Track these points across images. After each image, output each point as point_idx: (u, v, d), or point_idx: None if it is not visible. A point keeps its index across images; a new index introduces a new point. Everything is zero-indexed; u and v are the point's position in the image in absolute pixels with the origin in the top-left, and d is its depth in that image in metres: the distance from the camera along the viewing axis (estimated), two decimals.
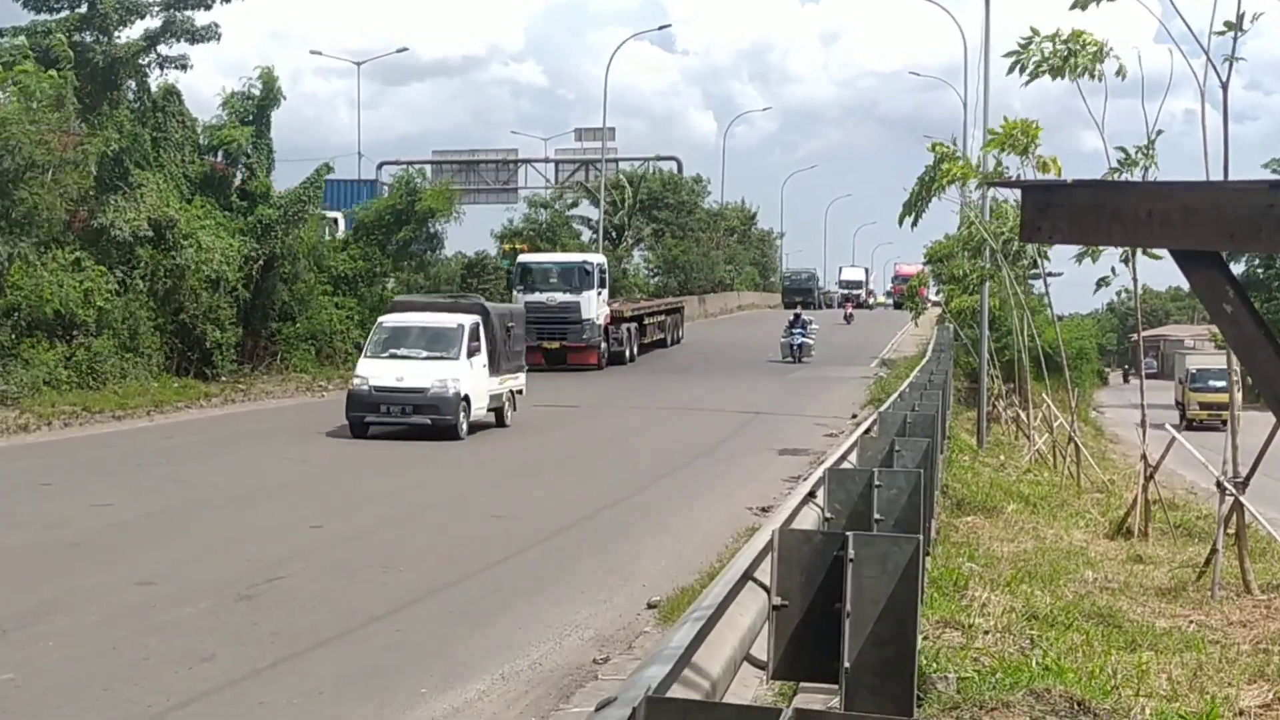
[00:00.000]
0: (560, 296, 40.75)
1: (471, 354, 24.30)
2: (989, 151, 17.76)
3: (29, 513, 15.60)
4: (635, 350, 44.60)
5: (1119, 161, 14.38)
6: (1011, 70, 14.15)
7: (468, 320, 24.96)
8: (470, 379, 24.03)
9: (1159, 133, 14.47)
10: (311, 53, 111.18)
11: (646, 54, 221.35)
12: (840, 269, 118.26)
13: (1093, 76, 14.11)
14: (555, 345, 40.28)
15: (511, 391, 26.58)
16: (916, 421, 13.07)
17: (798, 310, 51.62)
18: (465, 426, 23.63)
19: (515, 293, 41.10)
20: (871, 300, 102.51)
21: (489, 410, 25.18)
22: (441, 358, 24.04)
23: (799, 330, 45.16)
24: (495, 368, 25.38)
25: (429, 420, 23.18)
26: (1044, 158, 16.99)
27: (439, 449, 22.42)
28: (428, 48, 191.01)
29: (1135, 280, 16.83)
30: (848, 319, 68.69)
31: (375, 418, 23.44)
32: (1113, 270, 16.43)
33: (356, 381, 23.99)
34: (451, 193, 46.76)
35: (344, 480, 18.79)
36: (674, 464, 20.90)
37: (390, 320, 25.79)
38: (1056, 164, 16.89)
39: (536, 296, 40.36)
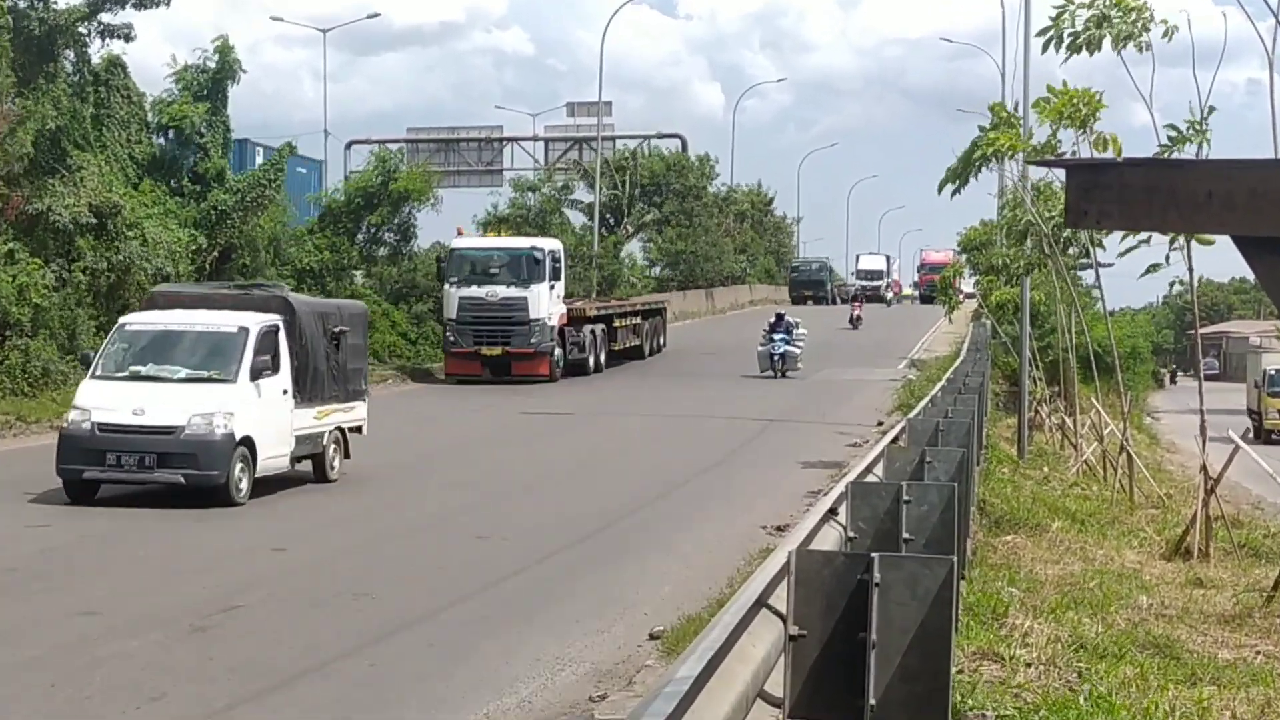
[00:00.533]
0: (503, 291, 37.20)
1: (259, 374, 18.22)
2: (1044, 122, 17.52)
3: None
4: (603, 358, 41.31)
5: (1168, 139, 14.35)
6: (1046, 47, 14.20)
7: (256, 323, 18.69)
8: (255, 412, 18.02)
9: (1211, 109, 14.47)
10: (272, 19, 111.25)
11: (645, 19, 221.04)
12: (858, 257, 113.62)
13: (1136, 47, 14.10)
14: (496, 351, 37.24)
15: (341, 430, 20.62)
16: (950, 429, 13.09)
17: (780, 311, 45.19)
18: (245, 485, 17.63)
19: (447, 286, 38.01)
20: (891, 295, 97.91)
21: (295, 459, 19.23)
22: (209, 379, 18.12)
23: (781, 335, 40.03)
24: (307, 394, 19.40)
25: (180, 477, 17.19)
26: (1103, 134, 16.84)
27: (424, 461, 22.39)
28: (400, 13, 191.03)
29: (1191, 270, 16.84)
30: (854, 323, 61.10)
31: (100, 471, 17.34)
32: (1165, 259, 16.40)
33: (73, 416, 17.90)
34: (429, 175, 46.81)
35: (309, 499, 18.77)
36: (680, 478, 20.90)
37: (136, 321, 19.63)
38: (1117, 142, 16.66)
39: (473, 291, 37.41)
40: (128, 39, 32.84)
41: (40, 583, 13.15)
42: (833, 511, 7.85)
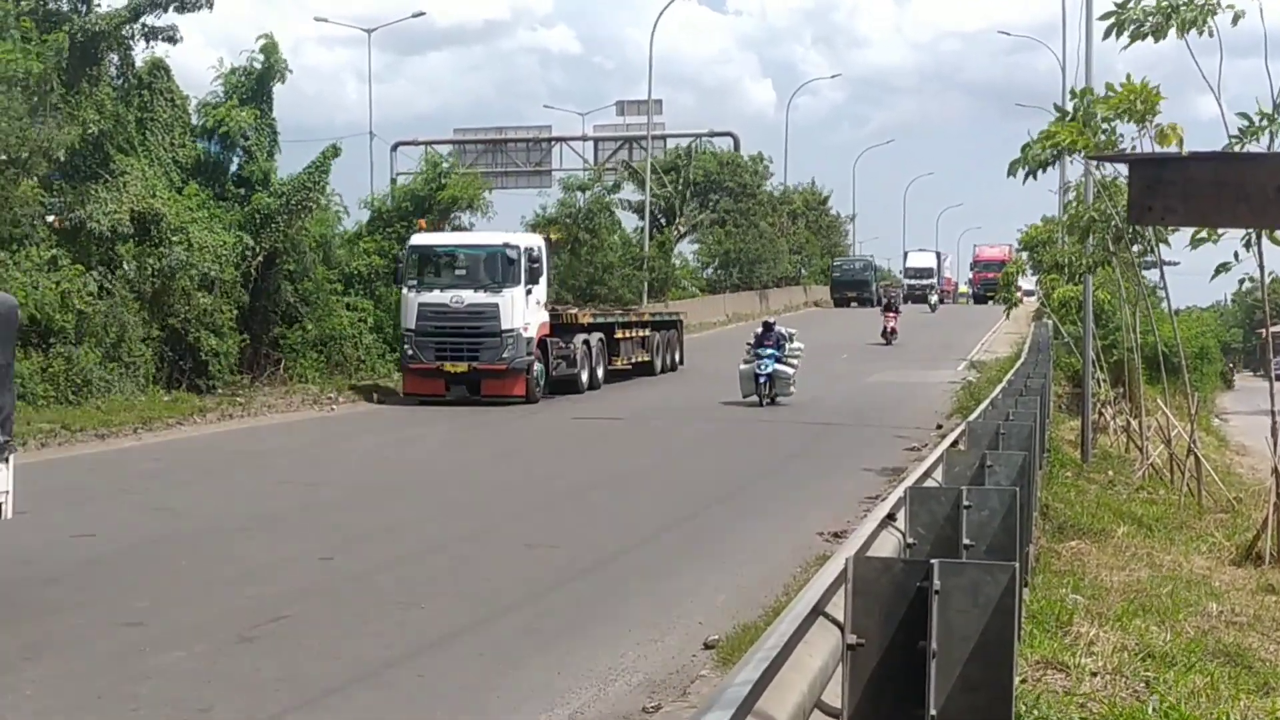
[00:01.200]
0: (470, 296, 33.14)
1: None
2: (1105, 116, 17.39)
3: (1, 545, 15.73)
4: (600, 374, 37.63)
5: (1240, 130, 14.21)
6: (1109, 34, 14.05)
7: None
8: None
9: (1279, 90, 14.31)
10: (316, 20, 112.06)
11: (694, 15, 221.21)
12: (905, 254, 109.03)
13: (1200, 32, 13.96)
14: (462, 368, 33.23)
15: None
16: (1011, 432, 13.01)
17: (769, 319, 37.31)
18: None
19: (405, 290, 34.09)
20: (934, 298, 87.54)
21: None
22: None
23: (770, 351, 33.09)
24: None
25: None
26: (1164, 126, 16.70)
27: (472, 468, 22.49)
28: (444, 12, 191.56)
29: (1262, 267, 16.67)
30: (888, 336, 54.54)
31: None
32: (1235, 256, 16.24)
33: None
34: (479, 180, 46.95)
35: (357, 508, 18.86)
36: (733, 484, 20.88)
37: None
38: (1177, 132, 16.52)
39: (435, 297, 33.39)
40: (173, 41, 33.09)
41: (85, 593, 13.25)
42: (890, 517, 7.83)
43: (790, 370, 32.94)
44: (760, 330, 33.55)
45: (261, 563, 14.78)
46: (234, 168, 36.73)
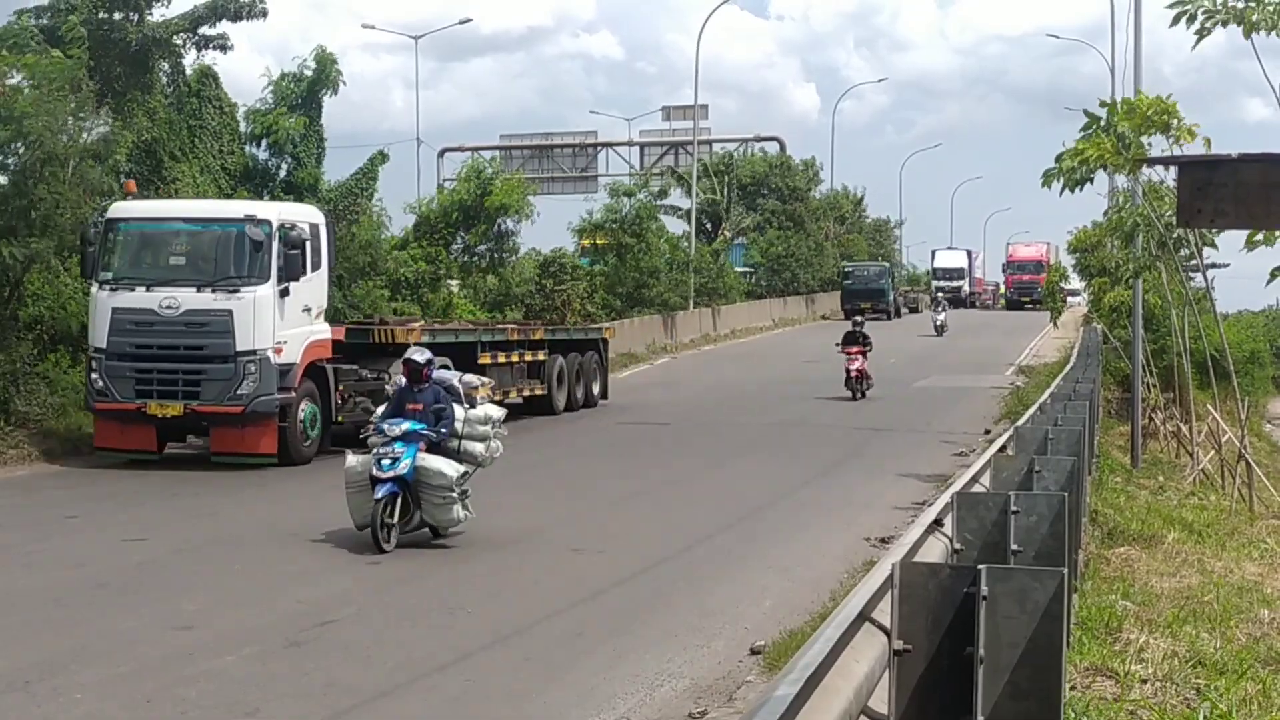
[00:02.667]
0: (189, 299, 22.00)
1: None
2: (1125, 129, 17.27)
3: (52, 550, 15.86)
4: None
5: None
6: (1176, 21, 13.77)
7: None
8: None
9: None
10: (363, 26, 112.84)
11: (736, 21, 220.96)
12: (933, 253, 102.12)
13: (1269, 30, 13.79)
14: (175, 409, 21.95)
15: None
16: (1059, 437, 12.94)
17: (418, 348, 18.53)
18: None
19: (95, 288, 22.81)
20: (940, 316, 62.35)
21: None
22: None
23: (417, 411, 16.22)
24: None
25: None
26: (1187, 126, 16.62)
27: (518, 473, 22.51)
28: (487, 18, 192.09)
29: None
30: (856, 385, 34.72)
31: None
32: None
33: None
34: (524, 185, 47.02)
35: None
36: (779, 491, 20.83)
37: None
38: (1190, 134, 16.53)
39: (138, 299, 22.22)
40: (224, 49, 33.32)
41: (135, 597, 13.33)
42: (938, 523, 7.80)
43: (478, 451, 16.59)
44: (406, 371, 16.30)
45: (310, 567, 14.84)
46: (282, 174, 36.92)
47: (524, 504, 19.62)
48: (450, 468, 15.63)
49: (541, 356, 30.87)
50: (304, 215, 24.16)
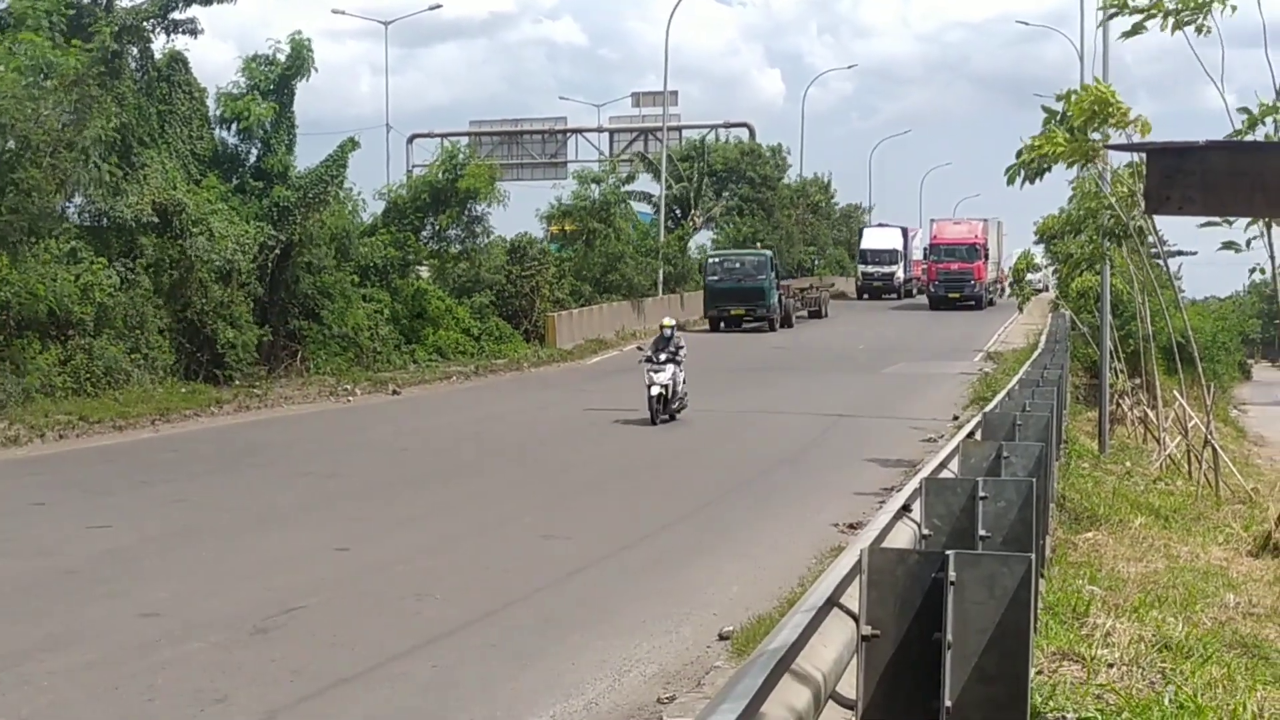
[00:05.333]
0: None
1: None
2: (1081, 125, 17.33)
3: (19, 537, 15.78)
4: None
5: (1242, 123, 14.12)
6: (1111, 17, 14.00)
7: None
8: None
9: None
10: (334, 12, 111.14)
11: (700, 7, 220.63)
12: (861, 232, 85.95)
13: (1200, 30, 13.90)
14: None
15: None
16: (1027, 423, 12.97)
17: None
18: None
19: None
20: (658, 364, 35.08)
21: None
22: None
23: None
24: None
25: None
26: (1131, 118, 16.72)
27: (488, 460, 22.51)
28: (449, 3, 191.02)
29: (1272, 257, 16.58)
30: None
31: None
32: (1247, 244, 16.15)
33: None
34: (493, 170, 46.98)
35: (373, 500, 18.86)
36: (747, 475, 20.85)
37: None
38: (1148, 127, 16.68)
39: None
40: (194, 34, 33.13)
41: (102, 585, 13.27)
42: (906, 509, 7.80)
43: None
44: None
45: (278, 554, 14.80)
46: (252, 160, 36.77)
47: (493, 492, 19.62)
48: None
49: None
50: None
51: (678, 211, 73.70)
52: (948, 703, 5.36)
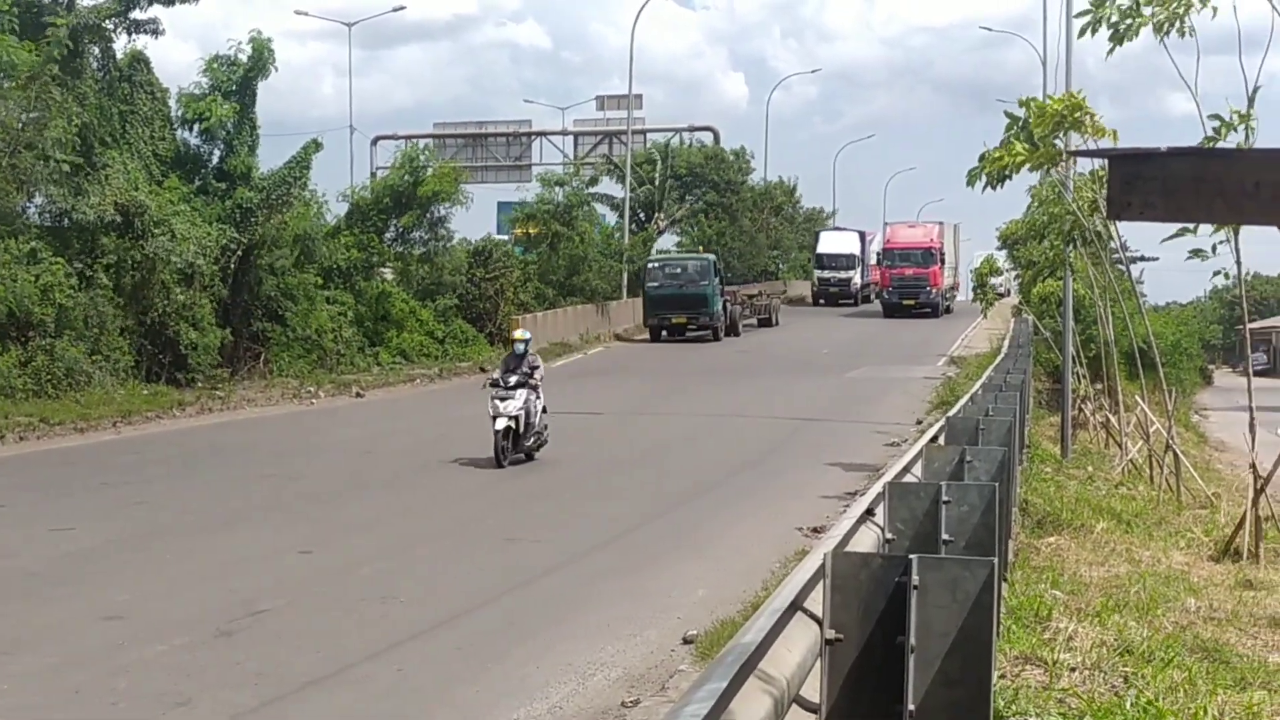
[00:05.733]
0: None
1: None
2: (1042, 135, 17.46)
3: None
4: None
5: (1214, 130, 14.24)
6: (1084, 32, 14.10)
7: None
8: None
9: (1257, 89, 14.34)
10: (297, 13, 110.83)
11: (663, 10, 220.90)
12: (817, 236, 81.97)
13: (1179, 32, 14.00)
14: None
15: None
16: (990, 428, 13.03)
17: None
18: None
19: None
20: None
21: None
22: None
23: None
24: None
25: None
26: (1098, 125, 16.87)
27: (453, 462, 22.48)
28: (412, 5, 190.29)
29: (1239, 263, 16.70)
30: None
31: None
32: (1213, 249, 16.27)
33: None
34: (457, 173, 46.90)
35: (337, 502, 18.82)
36: (712, 479, 20.87)
37: None
38: (1104, 130, 16.86)
39: None
40: (155, 34, 32.96)
41: (63, 587, 13.21)
42: (870, 513, 7.83)
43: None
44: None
45: (241, 556, 14.75)
46: (215, 161, 36.62)
47: (457, 494, 19.60)
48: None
49: None
50: None
51: (642, 215, 73.68)
52: (911, 706, 5.39)
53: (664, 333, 51.18)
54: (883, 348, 49.11)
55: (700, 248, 71.54)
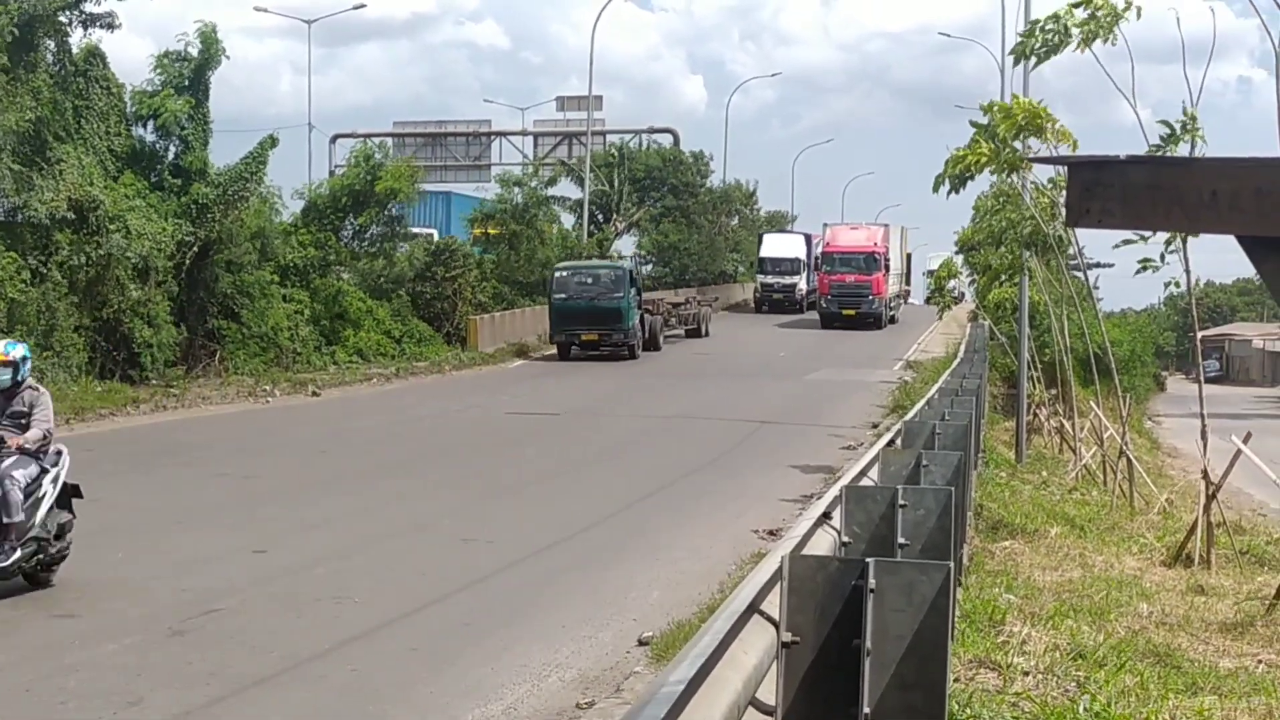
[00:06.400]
0: None
1: None
2: (1005, 135, 17.69)
3: None
4: None
5: (1161, 138, 14.39)
6: (1018, 62, 14.51)
7: None
8: None
9: (1198, 97, 14.53)
10: (256, 9, 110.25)
11: (622, 12, 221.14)
12: (760, 238, 78.15)
13: (1106, 40, 14.25)
14: None
15: None
16: (946, 432, 13.10)
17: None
18: None
19: None
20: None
21: None
22: None
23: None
24: None
25: None
26: (1059, 130, 17.09)
27: (409, 462, 22.43)
28: (371, 3, 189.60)
29: (1188, 272, 16.84)
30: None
31: None
32: (1161, 257, 16.43)
33: None
34: (414, 170, 46.82)
35: (291, 502, 18.75)
36: (668, 481, 20.89)
37: None
38: (1072, 140, 17.09)
39: None
40: (111, 28, 32.73)
41: (13, 584, 13.08)
42: (826, 516, 7.85)
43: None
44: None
45: (195, 555, 14.68)
46: (170, 157, 36.43)
47: (413, 494, 19.55)
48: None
49: None
50: None
51: (600, 217, 73.67)
52: (866, 709, 5.41)
53: (574, 349, 45.96)
54: (842, 351, 49.17)
55: (656, 251, 71.62)
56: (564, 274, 46.83)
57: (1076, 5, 14.42)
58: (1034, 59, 14.79)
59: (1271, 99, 12.08)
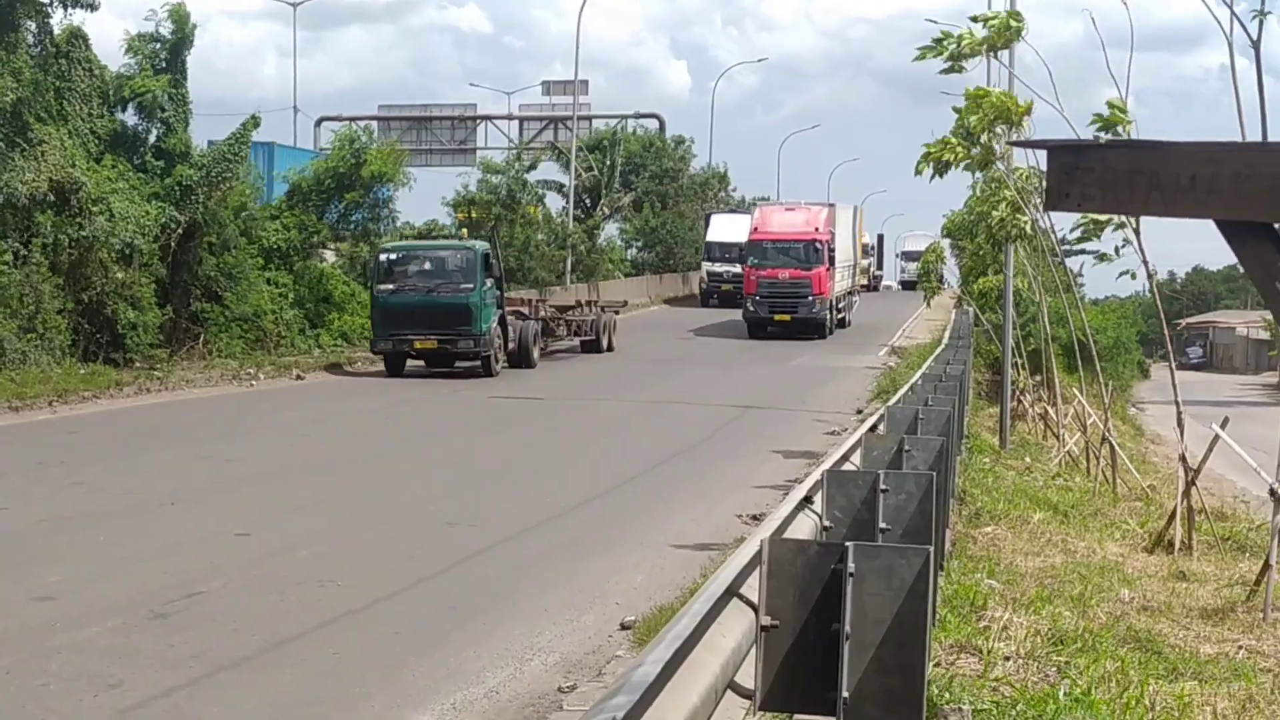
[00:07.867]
0: None
1: None
2: (978, 131, 17.71)
3: None
4: None
5: (1096, 131, 14.34)
6: (921, 58, 15.06)
7: None
8: None
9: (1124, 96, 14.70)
10: None
11: None
12: (707, 219, 69.08)
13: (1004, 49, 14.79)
14: None
15: None
16: (929, 418, 13.11)
17: None
18: None
19: None
20: None
21: None
22: None
23: None
24: None
25: None
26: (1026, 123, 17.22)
27: (401, 445, 22.41)
28: None
29: (1145, 263, 16.96)
30: None
31: None
32: (1116, 251, 16.56)
33: None
34: (400, 154, 46.69)
35: (275, 485, 18.73)
36: (651, 465, 20.89)
37: None
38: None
39: None
40: (92, 8, 32.58)
41: None
42: (808, 500, 7.86)
43: None
44: None
45: (178, 538, 14.66)
46: (153, 139, 36.32)
47: (398, 477, 19.55)
48: None
49: None
50: None
51: (587, 201, 73.59)
52: (845, 693, 5.42)
53: (406, 361, 35.19)
54: (830, 337, 48.93)
55: (639, 236, 71.34)
56: (393, 256, 35.95)
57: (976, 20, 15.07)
58: (947, 63, 15.32)
59: (1252, 86, 12.09)
